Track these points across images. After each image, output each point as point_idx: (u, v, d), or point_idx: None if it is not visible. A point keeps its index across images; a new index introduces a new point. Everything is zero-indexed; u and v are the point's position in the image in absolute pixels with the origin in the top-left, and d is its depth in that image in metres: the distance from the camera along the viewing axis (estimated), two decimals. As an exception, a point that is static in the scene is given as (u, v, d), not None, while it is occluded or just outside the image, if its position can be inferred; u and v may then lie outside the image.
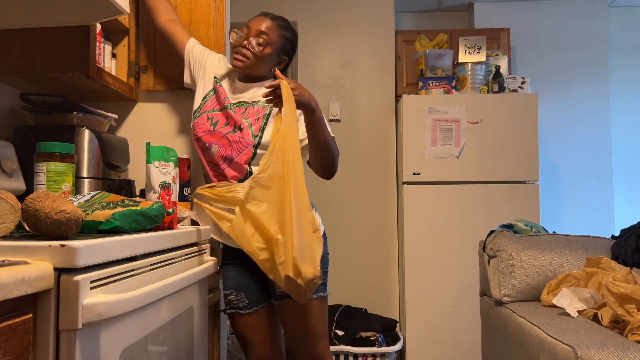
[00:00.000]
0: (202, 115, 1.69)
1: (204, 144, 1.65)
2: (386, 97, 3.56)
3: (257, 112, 1.65)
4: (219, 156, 1.63)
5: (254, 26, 1.66)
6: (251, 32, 1.65)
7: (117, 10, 1.40)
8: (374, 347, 2.84)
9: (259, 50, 1.64)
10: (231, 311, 1.67)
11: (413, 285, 3.08)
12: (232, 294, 1.67)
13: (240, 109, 1.67)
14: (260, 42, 1.64)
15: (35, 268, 0.73)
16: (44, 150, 1.31)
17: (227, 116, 1.66)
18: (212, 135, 1.64)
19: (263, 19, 1.68)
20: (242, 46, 1.64)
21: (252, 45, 1.63)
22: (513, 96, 3.13)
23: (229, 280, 1.69)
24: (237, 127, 1.63)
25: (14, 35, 1.62)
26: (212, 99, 1.72)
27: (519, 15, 3.87)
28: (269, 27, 1.66)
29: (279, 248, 1.39)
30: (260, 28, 1.65)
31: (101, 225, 1.05)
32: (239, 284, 1.67)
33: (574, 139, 3.81)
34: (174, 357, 1.22)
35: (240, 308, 1.66)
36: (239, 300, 1.66)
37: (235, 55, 1.66)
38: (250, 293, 1.66)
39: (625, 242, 2.03)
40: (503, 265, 2.05)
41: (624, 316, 1.52)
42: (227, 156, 1.62)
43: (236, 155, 1.61)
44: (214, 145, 1.63)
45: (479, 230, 2.98)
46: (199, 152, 1.69)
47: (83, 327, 0.80)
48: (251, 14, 1.80)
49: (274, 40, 1.66)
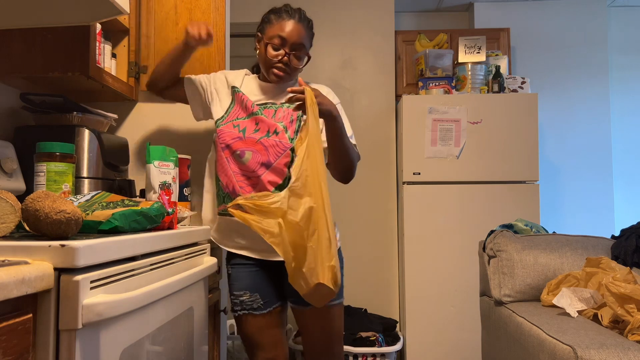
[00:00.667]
0: (227, 123, 1.63)
1: (234, 152, 1.59)
2: (386, 97, 3.56)
3: (289, 115, 1.62)
4: (256, 162, 1.57)
5: (289, 37, 1.59)
6: (288, 45, 1.59)
7: (117, 10, 1.40)
8: (374, 347, 2.84)
9: (298, 64, 1.62)
10: (243, 312, 1.63)
11: (413, 285, 3.08)
12: (245, 294, 1.63)
13: (269, 111, 1.63)
14: (300, 56, 1.62)
15: (35, 268, 0.73)
16: (44, 150, 1.32)
17: (257, 121, 1.61)
18: (244, 141, 1.58)
19: (296, 27, 1.60)
20: (282, 62, 1.60)
21: (293, 63, 1.61)
22: (513, 96, 3.13)
23: (241, 281, 1.64)
24: (272, 132, 1.59)
25: (14, 35, 1.62)
26: (235, 108, 1.66)
27: (519, 15, 3.88)
28: (303, 36, 1.61)
29: (309, 255, 1.38)
30: (297, 41, 1.60)
31: (101, 225, 1.05)
32: (254, 285, 1.63)
33: (574, 139, 3.81)
34: (174, 357, 1.22)
35: (254, 309, 1.62)
36: (254, 301, 1.62)
37: (276, 72, 1.61)
38: (265, 294, 1.63)
39: (625, 242, 2.03)
40: (503, 265, 2.05)
41: (624, 316, 1.52)
42: (265, 162, 1.57)
43: (274, 159, 1.57)
44: (247, 152, 1.57)
45: (479, 230, 2.98)
46: (224, 162, 1.60)
47: (83, 327, 0.80)
48: (251, 13, 1.79)
49: (307, 48, 1.64)
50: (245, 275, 1.64)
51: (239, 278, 1.65)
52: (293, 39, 1.59)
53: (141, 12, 2.04)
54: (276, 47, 1.60)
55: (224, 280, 2.10)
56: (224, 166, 1.60)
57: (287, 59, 1.60)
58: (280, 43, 1.60)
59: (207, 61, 2.02)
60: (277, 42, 1.59)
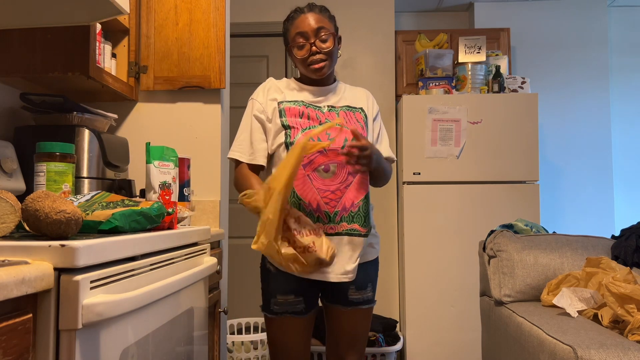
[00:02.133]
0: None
1: (317, 166, 1.53)
2: (386, 97, 3.56)
3: (358, 118, 1.63)
4: (347, 172, 1.55)
5: (307, 28, 1.57)
6: (309, 35, 1.57)
7: (117, 10, 1.41)
8: (374, 347, 2.84)
9: (328, 45, 1.58)
10: (285, 314, 1.59)
11: (413, 285, 3.08)
12: (290, 297, 1.58)
13: (332, 114, 1.61)
14: (324, 37, 1.58)
15: (35, 268, 0.73)
16: (44, 150, 1.31)
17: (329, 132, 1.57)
18: (325, 155, 1.53)
19: (309, 17, 1.59)
20: (312, 53, 1.57)
21: (320, 47, 1.58)
22: (513, 96, 3.13)
23: (285, 284, 1.58)
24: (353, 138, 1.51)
25: (14, 35, 1.62)
26: (295, 123, 1.58)
27: (519, 15, 3.88)
28: (319, 19, 1.58)
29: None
30: (314, 26, 1.57)
31: (101, 225, 1.05)
32: (301, 289, 1.58)
33: (574, 139, 3.81)
34: (173, 357, 1.22)
35: (296, 313, 1.59)
36: (297, 303, 1.59)
37: (314, 66, 1.58)
38: (308, 298, 1.60)
39: (625, 242, 2.03)
40: (503, 265, 2.05)
41: (624, 316, 1.52)
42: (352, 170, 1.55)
43: None
44: (331, 165, 1.54)
45: (479, 230, 2.98)
46: (303, 179, 1.53)
47: (83, 327, 0.80)
48: (251, 13, 1.79)
49: (330, 28, 1.61)
50: (291, 278, 1.55)
51: (282, 281, 1.58)
52: (310, 28, 1.57)
53: (141, 12, 2.04)
54: (301, 45, 1.59)
55: (224, 281, 2.10)
56: (302, 186, 1.55)
57: (315, 47, 1.58)
58: (302, 39, 1.58)
59: (207, 61, 2.03)
60: (300, 40, 1.58)
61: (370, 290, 1.65)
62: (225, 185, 2.18)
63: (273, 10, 3.52)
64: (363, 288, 1.62)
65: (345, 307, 1.63)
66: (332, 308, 1.65)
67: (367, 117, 1.66)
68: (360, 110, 1.65)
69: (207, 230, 1.55)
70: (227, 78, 2.14)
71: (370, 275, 1.65)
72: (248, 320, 3.23)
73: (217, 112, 2.10)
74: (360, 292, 1.61)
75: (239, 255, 3.41)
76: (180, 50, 2.02)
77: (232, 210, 2.63)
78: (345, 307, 1.62)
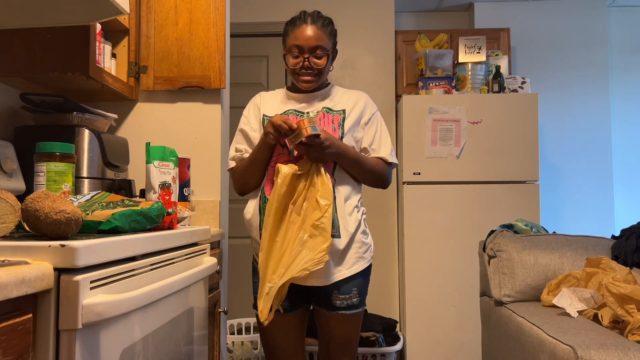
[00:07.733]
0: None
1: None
2: (386, 97, 3.56)
3: (334, 119, 1.65)
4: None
5: (304, 43, 1.60)
6: (305, 50, 1.60)
7: (117, 10, 1.41)
8: (374, 347, 2.83)
9: (321, 63, 1.62)
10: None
11: (413, 285, 3.08)
12: None
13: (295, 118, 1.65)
14: (319, 56, 1.61)
15: (35, 268, 0.73)
16: (44, 150, 1.31)
17: None
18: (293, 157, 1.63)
19: (310, 30, 1.61)
20: (304, 67, 1.62)
21: (313, 63, 1.61)
22: (513, 96, 3.13)
23: None
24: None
25: (14, 35, 1.62)
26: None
27: (519, 15, 3.88)
28: (319, 36, 1.61)
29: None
30: (313, 44, 1.60)
31: (101, 225, 1.05)
32: None
33: (574, 139, 3.81)
34: (173, 357, 1.22)
35: (282, 309, 1.60)
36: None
37: (303, 78, 1.63)
38: (290, 296, 1.60)
39: (625, 242, 2.03)
40: (503, 265, 2.05)
41: (624, 316, 1.52)
42: None
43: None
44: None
45: (479, 230, 2.98)
46: (271, 179, 1.60)
47: (83, 327, 0.80)
48: (251, 13, 1.79)
49: (327, 46, 1.64)
50: None
51: None
52: (308, 44, 1.60)
53: (141, 12, 2.04)
54: (295, 56, 1.62)
55: (224, 280, 2.10)
56: None
57: (308, 63, 1.61)
58: (297, 51, 1.61)
59: (207, 61, 2.03)
60: (295, 51, 1.62)
61: (357, 295, 1.62)
62: (225, 185, 2.18)
63: (273, 10, 3.52)
64: (347, 293, 1.60)
65: (330, 312, 1.63)
66: (318, 311, 1.67)
67: (345, 118, 1.66)
68: (340, 112, 1.67)
69: (207, 230, 1.55)
70: (227, 78, 2.14)
71: (356, 281, 1.62)
72: (248, 320, 3.23)
73: (217, 112, 2.10)
74: (343, 298, 1.60)
75: (239, 255, 3.41)
76: (180, 50, 2.02)
77: (232, 210, 2.63)
78: (329, 311, 1.63)
